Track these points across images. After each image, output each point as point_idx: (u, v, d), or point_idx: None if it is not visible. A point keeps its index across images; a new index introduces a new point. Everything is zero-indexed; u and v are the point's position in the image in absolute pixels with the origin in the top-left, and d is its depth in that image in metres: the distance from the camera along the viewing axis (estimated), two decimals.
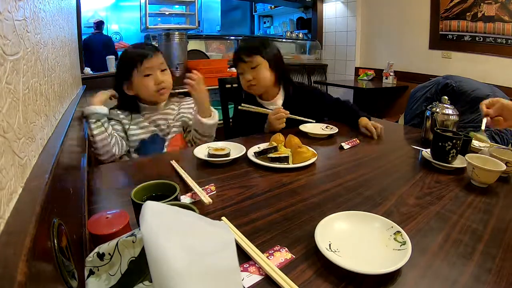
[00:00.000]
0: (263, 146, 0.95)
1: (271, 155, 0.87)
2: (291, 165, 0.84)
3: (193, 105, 1.22)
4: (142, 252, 0.34)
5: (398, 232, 0.50)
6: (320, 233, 0.48)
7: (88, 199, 0.65)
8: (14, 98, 0.33)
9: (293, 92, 1.30)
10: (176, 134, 1.14)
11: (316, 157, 0.88)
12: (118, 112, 1.08)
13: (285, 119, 1.15)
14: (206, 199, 0.62)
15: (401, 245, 0.47)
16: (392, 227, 0.51)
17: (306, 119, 1.20)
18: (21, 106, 0.35)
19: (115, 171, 0.82)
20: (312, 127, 1.18)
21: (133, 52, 1.05)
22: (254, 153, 0.90)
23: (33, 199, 0.30)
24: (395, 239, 0.49)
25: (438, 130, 0.86)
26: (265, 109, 1.20)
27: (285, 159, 0.85)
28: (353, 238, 0.50)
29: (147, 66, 1.03)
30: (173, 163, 0.82)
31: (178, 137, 1.15)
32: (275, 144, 0.92)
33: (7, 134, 0.29)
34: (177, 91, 1.21)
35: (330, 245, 0.47)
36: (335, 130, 1.15)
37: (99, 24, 2.88)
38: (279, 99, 1.30)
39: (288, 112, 1.15)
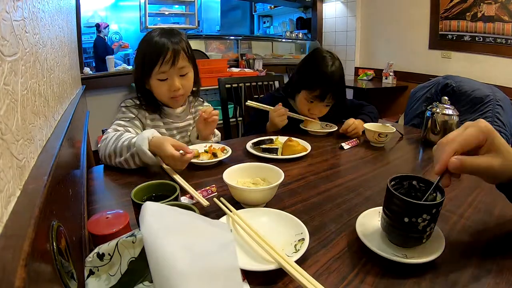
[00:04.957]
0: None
1: (263, 146, 0.93)
2: (278, 156, 0.89)
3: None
4: (142, 252, 0.34)
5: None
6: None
7: (88, 199, 0.65)
8: (12, 99, 0.33)
9: None
10: None
11: (307, 151, 0.91)
12: (135, 110, 0.95)
13: (286, 116, 1.15)
14: (204, 201, 0.62)
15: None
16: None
17: (306, 118, 1.20)
18: (19, 107, 0.35)
19: (115, 171, 0.82)
20: (312, 125, 1.18)
21: (151, 48, 0.90)
22: (252, 143, 0.97)
23: (31, 201, 0.30)
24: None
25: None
26: (269, 107, 1.18)
27: (274, 151, 0.91)
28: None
29: (162, 70, 0.90)
30: (165, 166, 0.80)
31: None
32: (273, 137, 0.99)
33: (5, 136, 0.29)
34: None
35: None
36: (334, 128, 1.16)
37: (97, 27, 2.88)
38: None
39: (287, 109, 1.16)
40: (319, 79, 1.11)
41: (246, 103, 1.19)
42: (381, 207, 0.50)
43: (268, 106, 1.17)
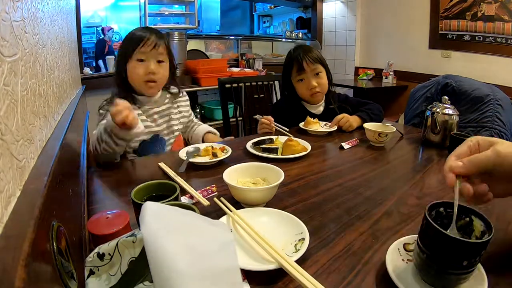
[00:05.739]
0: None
1: (264, 145, 0.93)
2: (278, 156, 0.89)
3: (187, 103, 1.21)
4: (142, 252, 0.34)
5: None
6: None
7: (88, 199, 0.65)
8: (12, 100, 0.33)
9: (330, 101, 1.36)
10: (179, 134, 1.14)
11: (307, 151, 0.91)
12: (109, 108, 0.97)
13: (271, 128, 1.15)
14: (204, 201, 0.62)
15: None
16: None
17: (283, 130, 1.15)
18: (19, 108, 0.35)
19: (115, 171, 0.82)
20: (312, 125, 1.18)
21: (136, 34, 0.99)
22: (252, 143, 0.97)
23: (31, 202, 0.30)
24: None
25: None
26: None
27: (274, 150, 0.91)
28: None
29: (143, 51, 0.97)
30: (162, 165, 0.80)
31: (180, 137, 1.15)
32: (272, 136, 1.00)
33: (5, 136, 0.29)
34: (172, 91, 1.17)
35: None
36: (334, 127, 1.16)
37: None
38: (321, 106, 1.35)
39: (272, 118, 1.17)
40: (289, 57, 1.30)
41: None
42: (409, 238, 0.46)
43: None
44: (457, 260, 0.36)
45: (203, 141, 1.12)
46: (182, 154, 0.86)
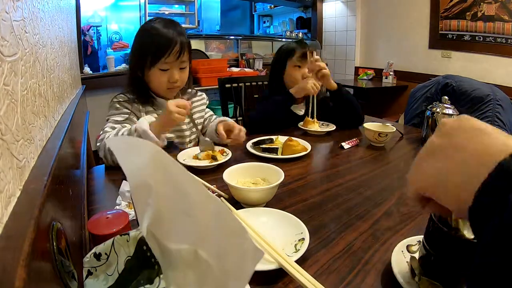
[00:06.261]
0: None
1: (263, 145, 0.93)
2: (278, 156, 0.89)
3: (204, 102, 1.14)
4: (136, 251, 0.34)
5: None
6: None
7: (88, 199, 0.65)
8: (12, 99, 0.33)
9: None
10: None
11: (307, 151, 0.91)
12: (129, 105, 0.94)
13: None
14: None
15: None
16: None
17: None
18: (19, 107, 0.35)
19: (115, 170, 0.82)
20: (311, 125, 1.18)
21: (158, 38, 0.89)
22: (252, 143, 0.97)
23: (31, 202, 0.30)
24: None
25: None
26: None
27: (274, 150, 0.91)
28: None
29: (167, 61, 0.90)
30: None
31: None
32: (272, 136, 1.00)
33: (5, 136, 0.29)
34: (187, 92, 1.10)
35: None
36: (332, 127, 1.16)
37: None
38: (304, 106, 1.33)
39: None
40: (294, 43, 1.28)
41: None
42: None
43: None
44: (470, 261, 0.35)
45: (216, 133, 1.00)
46: (181, 158, 0.85)
